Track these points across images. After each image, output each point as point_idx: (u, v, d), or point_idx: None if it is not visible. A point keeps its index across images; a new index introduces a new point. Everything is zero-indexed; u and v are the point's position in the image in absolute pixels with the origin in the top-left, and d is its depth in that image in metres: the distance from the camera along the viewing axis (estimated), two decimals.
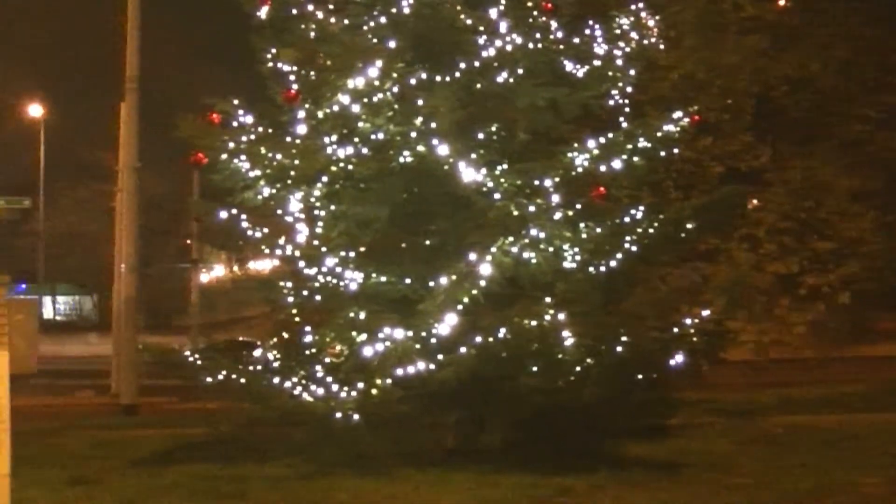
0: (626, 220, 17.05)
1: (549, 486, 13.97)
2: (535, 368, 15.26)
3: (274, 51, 17.26)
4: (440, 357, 15.07)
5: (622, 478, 14.27)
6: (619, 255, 16.53)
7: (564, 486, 13.92)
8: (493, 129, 16.87)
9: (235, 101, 16.88)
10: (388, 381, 15.17)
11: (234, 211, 16.86)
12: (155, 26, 35.71)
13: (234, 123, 16.88)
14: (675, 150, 18.37)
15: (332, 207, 16.56)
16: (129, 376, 30.97)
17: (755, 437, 17.77)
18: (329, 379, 15.76)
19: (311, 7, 17.16)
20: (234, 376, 16.44)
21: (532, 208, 15.76)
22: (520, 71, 16.80)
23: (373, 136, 16.11)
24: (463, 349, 15.03)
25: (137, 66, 31.31)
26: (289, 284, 16.82)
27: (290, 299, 16.92)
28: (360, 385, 15.36)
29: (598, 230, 16.61)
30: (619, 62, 17.90)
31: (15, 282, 15.90)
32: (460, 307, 15.10)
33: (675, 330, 16.82)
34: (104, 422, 27.02)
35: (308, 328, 16.61)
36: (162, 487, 15.03)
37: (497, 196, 15.86)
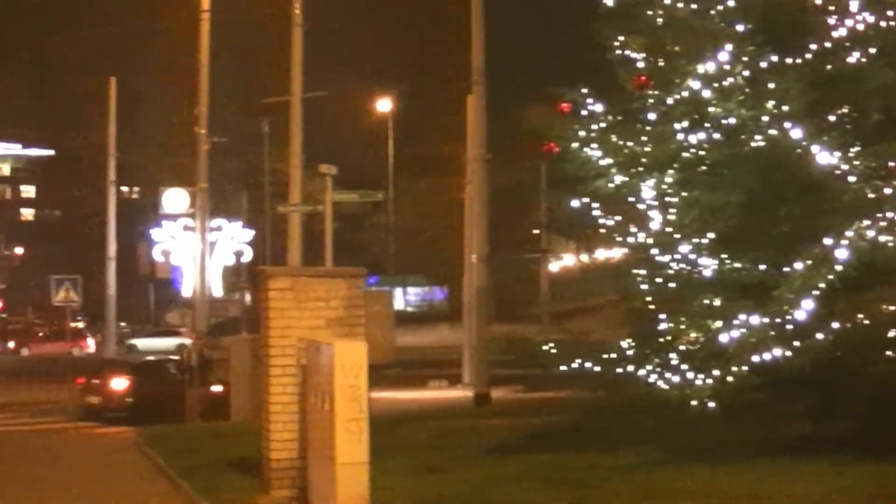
0: None
1: None
2: (891, 353, 14.80)
3: (621, 38, 17.20)
4: (796, 343, 14.75)
5: None
6: None
7: None
8: (845, 110, 16.38)
9: (584, 90, 16.93)
10: (744, 368, 14.93)
11: (586, 200, 16.94)
12: (498, 17, 36.18)
13: (584, 112, 16.93)
14: None
15: (685, 194, 16.42)
16: (479, 366, 31.50)
17: None
18: (684, 367, 15.63)
19: None
20: (587, 365, 16.51)
21: (888, 190, 15.24)
22: (872, 50, 16.25)
23: (724, 121, 15.87)
24: (819, 335, 14.70)
25: (482, 59, 31.82)
26: (642, 272, 16.77)
27: (644, 287, 16.85)
28: (716, 372, 15.17)
29: None
30: None
31: (367, 274, 16.43)
32: (816, 292, 14.74)
33: None
34: (456, 411, 27.63)
35: (662, 316, 16.49)
36: (512, 476, 15.26)
37: (851, 179, 15.39)
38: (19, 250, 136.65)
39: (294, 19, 31.61)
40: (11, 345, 78.80)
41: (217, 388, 30.00)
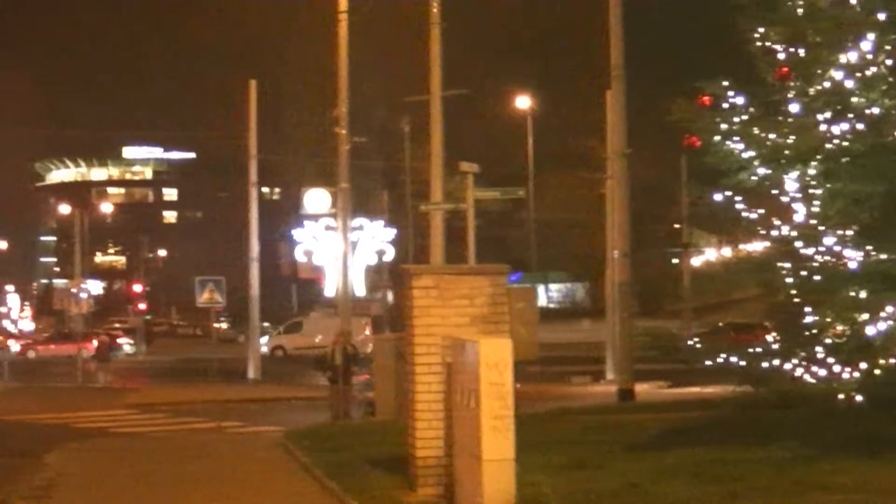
0: None
1: None
2: None
3: (761, 29, 17.03)
4: None
5: None
6: None
7: None
8: None
9: (725, 83, 16.80)
10: (893, 360, 14.72)
11: (729, 193, 16.83)
12: (637, 12, 36.00)
13: (725, 105, 16.81)
14: None
15: (829, 185, 16.21)
16: (623, 361, 31.40)
17: None
18: (830, 360, 15.45)
19: None
20: (733, 359, 16.39)
21: None
22: None
23: (867, 111, 15.66)
24: None
25: (621, 54, 31.71)
26: (786, 265, 16.60)
27: (788, 280, 16.67)
28: (863, 365, 14.98)
29: None
30: None
31: (510, 271, 16.45)
32: None
33: None
34: (600, 407, 27.53)
35: (807, 309, 16.30)
36: (663, 471, 15.16)
37: None
38: (162, 252, 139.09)
39: (432, 18, 31.75)
40: (17, 347, 79.16)
41: (362, 386, 30.27)
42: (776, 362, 16.01)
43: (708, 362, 16.76)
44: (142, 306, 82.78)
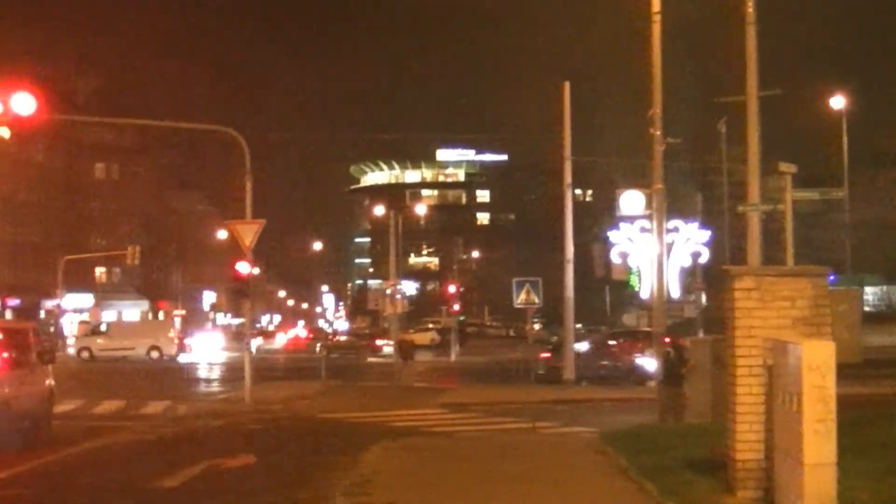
0: None
1: None
2: None
3: None
4: None
5: None
6: None
7: None
8: None
9: None
10: None
11: None
12: None
13: None
14: None
15: None
16: None
17: None
18: None
19: None
20: None
21: None
22: None
23: None
24: None
25: None
26: None
27: None
28: None
29: None
30: None
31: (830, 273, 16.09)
32: None
33: None
34: None
35: None
36: None
37: None
38: (475, 254, 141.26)
39: (747, 17, 31.30)
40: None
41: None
42: None
43: None
44: (456, 307, 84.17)
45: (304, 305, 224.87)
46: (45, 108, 39.57)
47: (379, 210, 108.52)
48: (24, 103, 33.09)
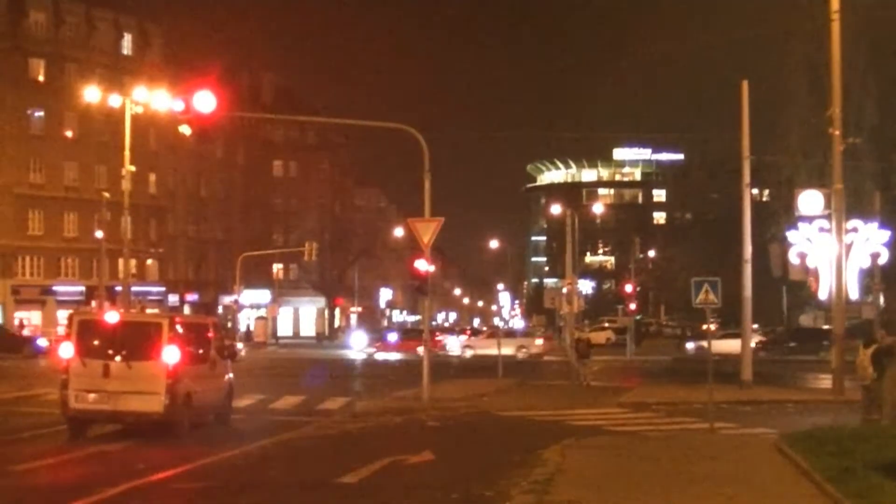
0: None
1: None
2: None
3: None
4: None
5: None
6: None
7: None
8: None
9: None
10: None
11: None
12: None
13: None
14: None
15: None
16: None
17: None
18: None
19: None
20: None
21: None
22: None
23: None
24: None
25: None
26: None
27: None
28: None
29: None
30: None
31: None
32: None
33: None
34: None
35: None
36: None
37: None
38: (651, 253, 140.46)
39: None
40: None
41: None
42: None
43: None
44: (633, 306, 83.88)
45: (480, 303, 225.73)
46: (224, 105, 40.53)
47: (555, 209, 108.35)
48: (204, 101, 33.79)
